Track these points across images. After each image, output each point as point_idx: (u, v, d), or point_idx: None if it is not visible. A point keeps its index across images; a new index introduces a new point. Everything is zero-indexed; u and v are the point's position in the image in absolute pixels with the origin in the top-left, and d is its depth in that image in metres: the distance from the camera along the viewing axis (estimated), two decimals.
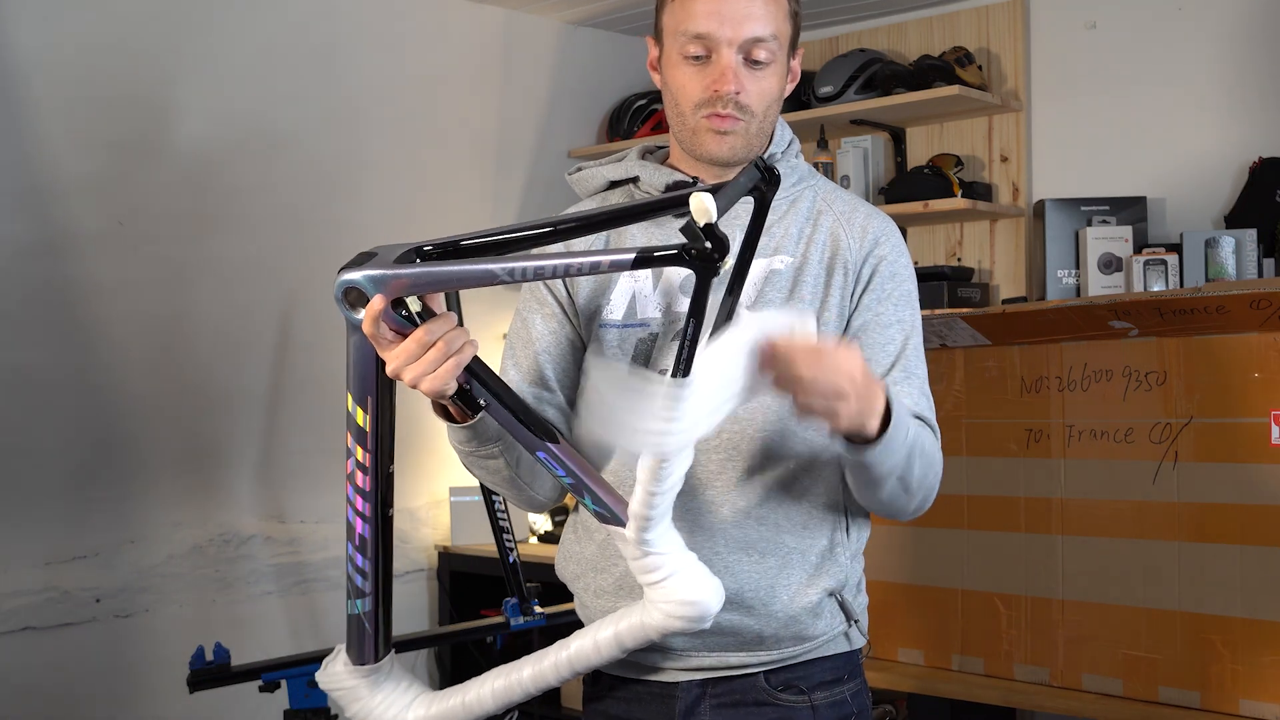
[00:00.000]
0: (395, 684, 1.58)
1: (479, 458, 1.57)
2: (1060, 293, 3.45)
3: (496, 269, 1.31)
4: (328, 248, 3.62)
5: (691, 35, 1.57)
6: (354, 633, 1.54)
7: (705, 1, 1.56)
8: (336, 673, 1.59)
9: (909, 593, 2.72)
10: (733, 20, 1.55)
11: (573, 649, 1.47)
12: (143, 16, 3.26)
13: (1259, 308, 2.20)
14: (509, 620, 3.06)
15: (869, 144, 3.88)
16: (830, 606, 1.63)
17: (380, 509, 1.46)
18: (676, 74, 1.61)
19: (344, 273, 1.35)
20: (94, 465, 3.16)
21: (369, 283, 1.33)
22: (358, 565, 1.49)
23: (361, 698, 1.57)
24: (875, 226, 1.66)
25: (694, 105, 1.60)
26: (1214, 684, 2.32)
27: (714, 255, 1.21)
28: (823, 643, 1.64)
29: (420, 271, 1.33)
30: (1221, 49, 3.41)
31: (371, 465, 1.43)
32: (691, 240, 1.21)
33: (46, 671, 3.06)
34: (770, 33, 1.57)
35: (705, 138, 1.61)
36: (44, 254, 3.09)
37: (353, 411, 1.41)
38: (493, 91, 4.04)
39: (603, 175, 1.74)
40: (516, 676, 1.50)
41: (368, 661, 1.56)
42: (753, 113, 1.60)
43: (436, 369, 1.35)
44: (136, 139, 3.25)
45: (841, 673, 1.67)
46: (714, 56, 1.57)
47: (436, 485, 3.85)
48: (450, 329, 1.36)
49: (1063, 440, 2.51)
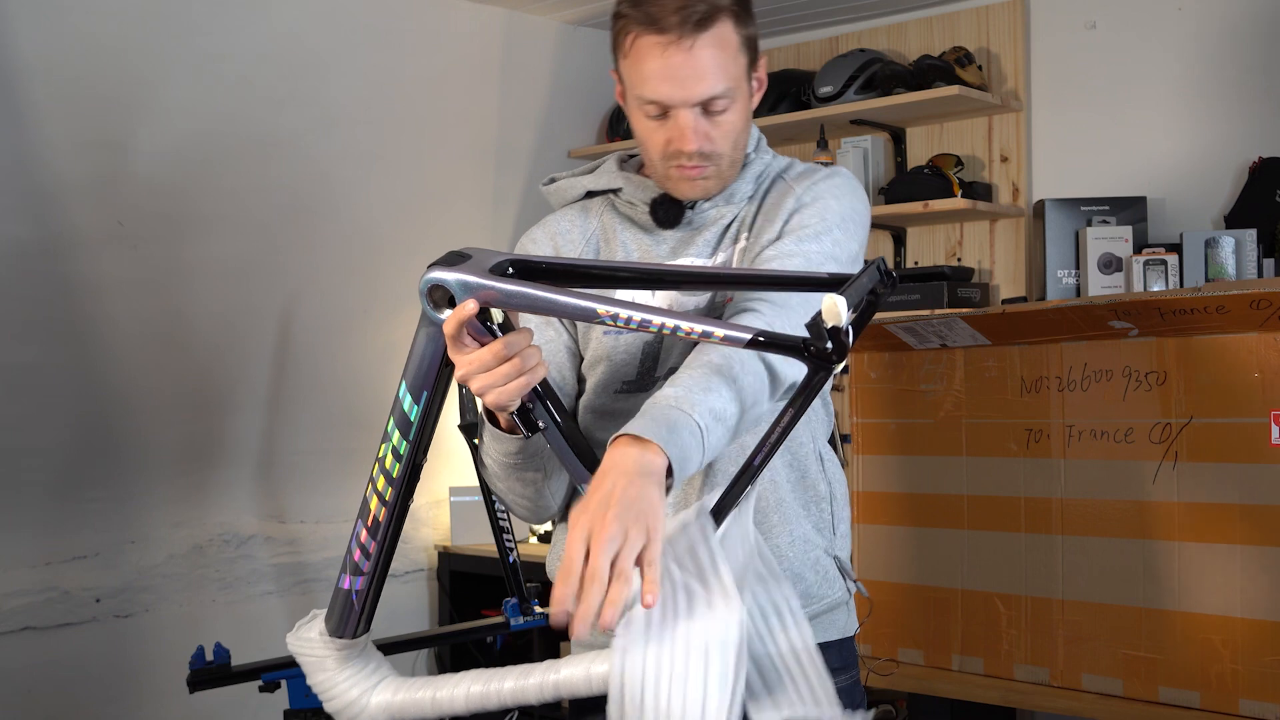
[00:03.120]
0: (364, 663, 1.55)
1: (519, 470, 1.58)
2: (1060, 293, 3.45)
3: (599, 309, 1.26)
4: (327, 248, 3.63)
5: (647, 100, 1.57)
6: (339, 606, 1.52)
7: (655, 62, 1.53)
8: (309, 639, 1.56)
9: (909, 593, 2.72)
10: (685, 83, 1.54)
11: (563, 675, 1.43)
12: (142, 17, 3.26)
13: (1259, 308, 2.20)
14: (509, 620, 3.06)
15: (869, 144, 3.88)
16: (830, 568, 1.67)
17: (403, 498, 1.46)
18: (639, 124, 1.61)
19: (434, 270, 1.30)
20: (94, 465, 3.16)
21: (461, 287, 1.28)
22: (364, 546, 1.49)
23: (328, 669, 1.55)
24: (823, 171, 1.68)
25: (660, 156, 1.61)
26: (1214, 684, 2.32)
27: (833, 358, 1.21)
28: (829, 607, 1.67)
29: (516, 290, 1.29)
30: (1221, 49, 3.41)
31: (408, 454, 1.43)
32: (814, 338, 1.20)
33: (46, 671, 3.06)
34: (724, 87, 1.55)
35: (678, 184, 1.63)
36: (44, 254, 3.09)
37: (403, 399, 1.40)
38: (493, 91, 4.04)
39: (581, 185, 1.74)
40: (496, 687, 1.47)
41: (346, 636, 1.53)
42: (720, 154, 1.60)
43: (507, 383, 1.33)
44: (136, 139, 3.25)
45: (845, 660, 1.70)
46: (672, 115, 1.57)
47: (436, 485, 3.85)
48: (526, 346, 1.34)
49: (1063, 440, 2.51)
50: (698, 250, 1.66)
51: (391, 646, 3.01)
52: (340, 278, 3.64)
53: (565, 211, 1.76)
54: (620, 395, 1.64)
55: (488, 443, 1.57)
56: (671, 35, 1.52)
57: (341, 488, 3.58)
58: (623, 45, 1.58)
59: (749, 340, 1.22)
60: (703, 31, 1.53)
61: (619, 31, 1.58)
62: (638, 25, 1.54)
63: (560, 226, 1.73)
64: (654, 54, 1.54)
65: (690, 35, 1.52)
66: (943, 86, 3.59)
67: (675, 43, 1.52)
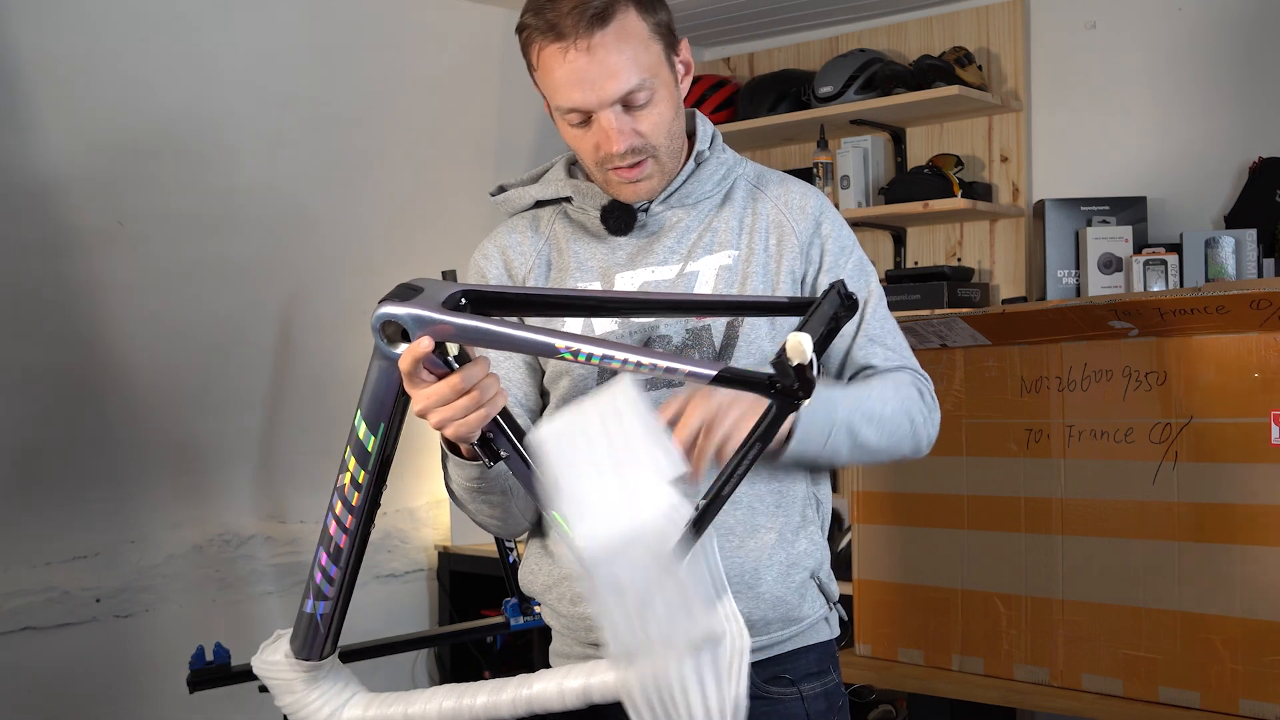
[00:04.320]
0: (333, 682, 1.54)
1: (484, 494, 1.56)
2: (1060, 293, 3.45)
3: (558, 344, 1.24)
4: (327, 248, 3.63)
5: (564, 109, 1.54)
6: (303, 629, 1.50)
7: (561, 69, 1.50)
8: (275, 662, 1.55)
9: (909, 593, 2.72)
10: (595, 84, 1.50)
11: (535, 689, 1.42)
12: (142, 16, 3.26)
13: (1259, 308, 2.20)
14: (509, 620, 3.06)
15: (869, 144, 3.89)
16: (812, 589, 1.65)
17: (364, 524, 1.44)
18: (566, 134, 1.59)
19: (386, 305, 1.26)
20: (94, 465, 3.16)
21: (414, 322, 1.25)
22: (326, 571, 1.45)
23: (296, 691, 1.54)
24: (812, 204, 1.66)
25: (594, 163, 1.59)
26: (1214, 684, 2.32)
27: (799, 394, 1.20)
28: (808, 626, 1.66)
29: (472, 326, 1.26)
30: (1221, 49, 3.41)
31: (366, 484, 1.40)
32: (780, 375, 1.20)
33: (46, 671, 3.06)
34: (639, 79, 1.52)
35: (619, 189, 1.61)
36: (44, 254, 3.09)
37: (358, 428, 1.37)
38: (493, 91, 4.04)
39: (530, 195, 1.71)
40: (469, 702, 1.45)
41: (313, 658, 1.52)
42: (654, 146, 1.57)
43: (466, 416, 1.30)
44: (136, 139, 3.24)
45: (826, 663, 1.69)
46: (594, 119, 1.54)
47: (436, 485, 3.85)
48: (484, 377, 1.31)
49: (1063, 440, 2.51)
50: (660, 258, 1.62)
51: (392, 646, 3.02)
52: (340, 278, 3.64)
53: (515, 223, 1.72)
54: None
55: (451, 470, 1.55)
56: (570, 38, 1.49)
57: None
58: (531, 57, 1.56)
59: (714, 377, 1.22)
60: (601, 28, 1.49)
61: (525, 44, 1.55)
62: (540, 35, 1.52)
63: (510, 240, 1.69)
64: (558, 60, 1.51)
65: (587, 34, 1.49)
66: (943, 86, 3.59)
67: (575, 45, 1.49)
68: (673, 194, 1.64)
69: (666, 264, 1.62)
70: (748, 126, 3.97)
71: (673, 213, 1.64)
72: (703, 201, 1.65)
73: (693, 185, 1.64)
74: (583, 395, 1.49)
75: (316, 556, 1.47)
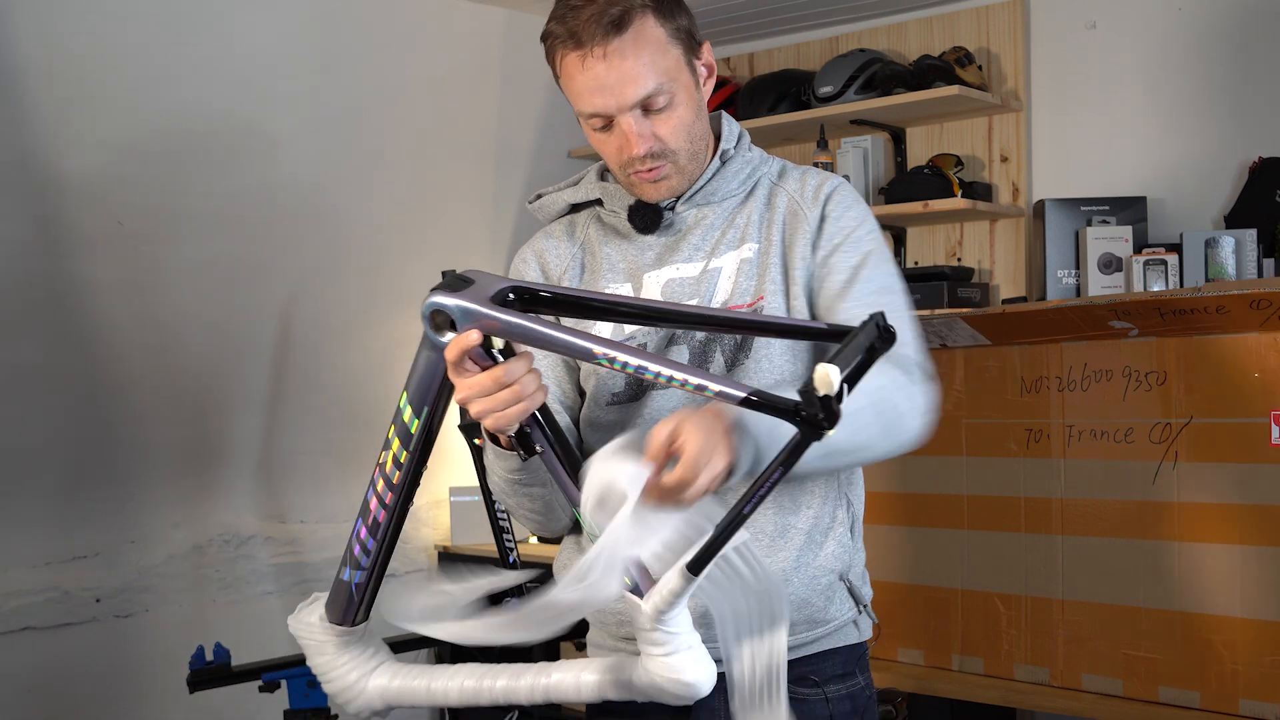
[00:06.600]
0: (363, 649, 1.60)
1: (524, 486, 1.59)
2: (1060, 293, 3.45)
3: (595, 349, 1.28)
4: (327, 247, 3.63)
5: (586, 114, 1.58)
6: (338, 596, 1.56)
7: (582, 75, 1.55)
8: (310, 624, 1.60)
9: (909, 593, 2.72)
10: (616, 90, 1.54)
11: (553, 679, 1.48)
12: (142, 17, 3.26)
13: (1259, 308, 2.20)
14: None
15: (869, 144, 3.88)
16: (840, 592, 1.65)
17: (403, 502, 1.48)
18: (591, 138, 1.63)
19: (436, 295, 1.31)
20: (94, 465, 3.16)
21: (462, 315, 1.30)
22: (365, 544, 1.52)
23: (327, 653, 1.59)
24: (825, 189, 1.66)
25: (617, 165, 1.62)
26: (1214, 684, 2.32)
27: (823, 424, 1.22)
28: (834, 629, 1.65)
29: (517, 323, 1.30)
30: (1221, 49, 3.41)
31: (408, 464, 1.45)
32: (806, 404, 1.21)
33: (46, 671, 3.06)
34: (657, 83, 1.55)
35: (641, 189, 1.64)
36: (44, 254, 3.09)
37: (404, 410, 1.42)
38: (493, 91, 4.05)
39: (564, 200, 1.75)
40: (489, 684, 1.51)
41: (345, 624, 1.57)
42: (674, 150, 1.60)
43: (505, 409, 1.34)
44: (136, 139, 3.25)
45: (853, 665, 1.69)
46: (615, 123, 1.58)
47: (436, 485, 3.85)
48: (526, 373, 1.35)
49: (1063, 440, 2.51)
50: (685, 256, 1.65)
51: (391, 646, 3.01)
52: (340, 278, 3.64)
53: (552, 228, 1.77)
54: (611, 407, 1.65)
55: (491, 460, 1.58)
56: (589, 45, 1.53)
57: (341, 488, 3.58)
58: (554, 65, 1.59)
59: (742, 399, 1.23)
60: (619, 34, 1.53)
61: (549, 51, 1.59)
62: (561, 43, 1.56)
63: (546, 244, 1.74)
64: (578, 67, 1.55)
65: (604, 41, 1.52)
66: (943, 86, 3.59)
67: (593, 52, 1.53)
68: (697, 192, 1.66)
69: (691, 261, 1.65)
70: (748, 126, 3.93)
71: (698, 210, 1.67)
72: (727, 199, 1.67)
73: (717, 183, 1.66)
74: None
75: (355, 529, 1.51)
